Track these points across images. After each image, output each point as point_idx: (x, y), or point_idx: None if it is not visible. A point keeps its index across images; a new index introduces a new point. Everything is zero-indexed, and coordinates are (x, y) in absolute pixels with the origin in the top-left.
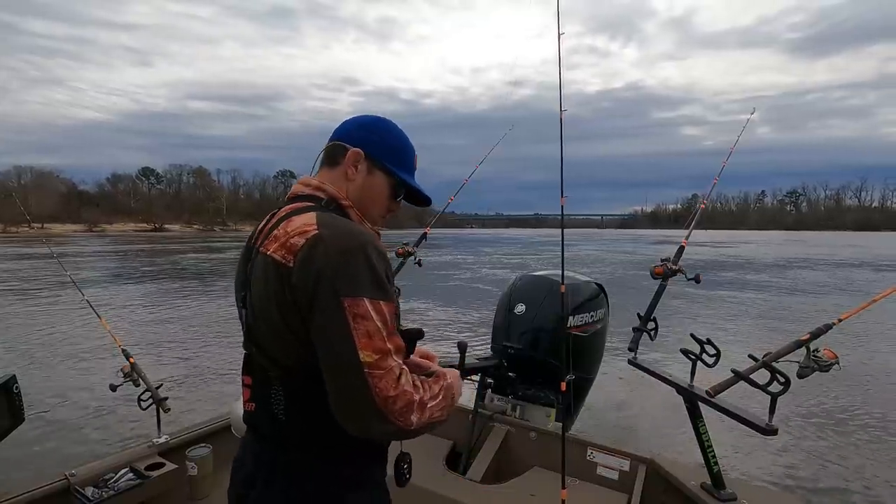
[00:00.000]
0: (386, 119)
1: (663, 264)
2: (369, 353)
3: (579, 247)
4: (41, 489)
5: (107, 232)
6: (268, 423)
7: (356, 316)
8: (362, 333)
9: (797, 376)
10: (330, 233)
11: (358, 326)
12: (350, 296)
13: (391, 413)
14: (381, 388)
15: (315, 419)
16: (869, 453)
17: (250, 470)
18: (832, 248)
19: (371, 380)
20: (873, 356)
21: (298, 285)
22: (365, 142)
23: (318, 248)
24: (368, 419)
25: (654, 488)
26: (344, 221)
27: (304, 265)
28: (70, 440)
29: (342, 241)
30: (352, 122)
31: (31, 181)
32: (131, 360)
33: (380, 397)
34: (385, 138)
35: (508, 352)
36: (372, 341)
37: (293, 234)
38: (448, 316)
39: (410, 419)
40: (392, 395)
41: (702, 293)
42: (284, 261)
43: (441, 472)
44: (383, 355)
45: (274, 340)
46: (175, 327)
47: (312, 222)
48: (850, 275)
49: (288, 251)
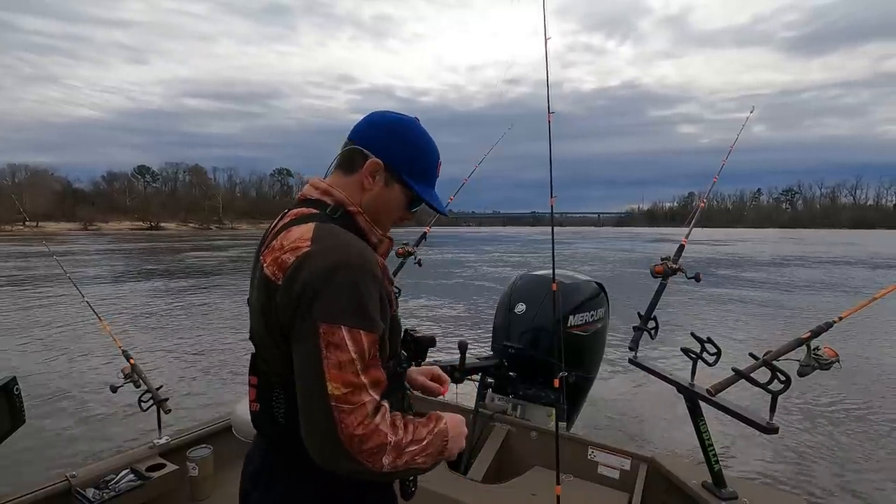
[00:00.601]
0: (411, 120)
1: (663, 263)
2: (338, 385)
3: (576, 245)
4: (42, 490)
5: (102, 230)
6: (269, 425)
7: (329, 344)
8: (333, 364)
9: (798, 375)
10: (320, 251)
11: (330, 356)
12: (327, 322)
13: (358, 453)
14: (347, 425)
15: None
16: (870, 451)
17: (257, 468)
18: (828, 245)
19: (337, 414)
20: (874, 354)
21: (281, 304)
22: (386, 151)
23: (303, 267)
24: (333, 455)
25: (655, 487)
26: (342, 237)
27: (288, 284)
28: (71, 441)
29: (329, 262)
30: (374, 123)
31: (25, 179)
32: (131, 361)
33: (345, 434)
34: (407, 148)
35: (509, 351)
36: (342, 373)
37: (287, 248)
38: (450, 314)
39: (381, 461)
40: (359, 434)
41: (701, 291)
42: (274, 277)
43: (442, 472)
44: (354, 389)
45: (266, 349)
46: (175, 327)
47: (308, 237)
48: (847, 272)
49: (278, 268)
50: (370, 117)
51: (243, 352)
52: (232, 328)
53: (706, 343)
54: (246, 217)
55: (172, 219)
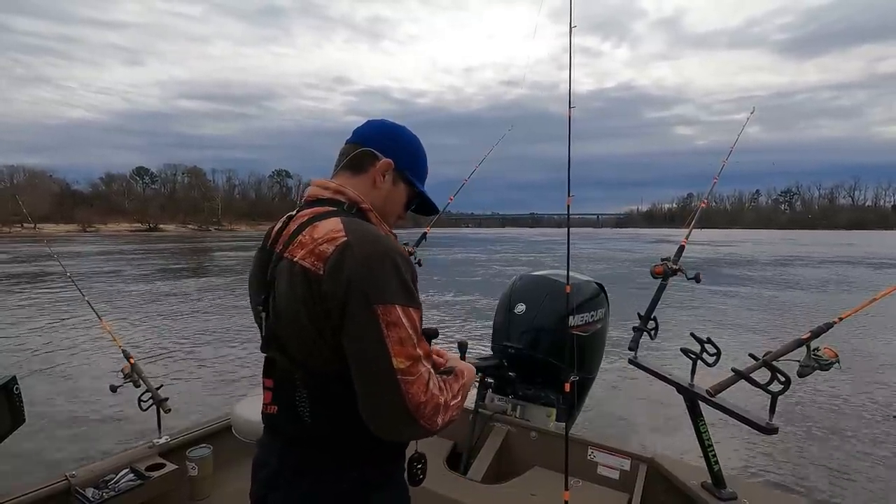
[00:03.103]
0: (405, 128)
1: (663, 264)
2: (402, 359)
3: (578, 246)
4: (42, 490)
5: (101, 232)
6: (292, 425)
7: (389, 323)
8: (395, 341)
9: (798, 375)
10: (358, 239)
11: (391, 334)
12: (382, 303)
13: (422, 417)
14: (413, 394)
15: (340, 421)
16: (870, 452)
17: (275, 469)
18: (827, 246)
19: (404, 386)
20: (874, 355)
21: (329, 293)
22: (394, 153)
23: (346, 255)
24: (401, 424)
25: (654, 488)
26: (369, 227)
27: (334, 273)
28: (70, 441)
29: (370, 248)
30: (377, 129)
31: (23, 181)
32: (131, 360)
33: (412, 403)
34: (410, 150)
35: (509, 351)
36: (404, 348)
37: (321, 240)
38: (455, 312)
39: (437, 421)
40: (423, 401)
41: (700, 290)
42: (314, 268)
43: (442, 472)
44: (414, 361)
45: (301, 345)
46: (175, 327)
47: (340, 228)
48: (846, 272)
49: (317, 258)
50: (372, 123)
51: (243, 351)
52: (232, 327)
53: (706, 343)
54: (245, 219)
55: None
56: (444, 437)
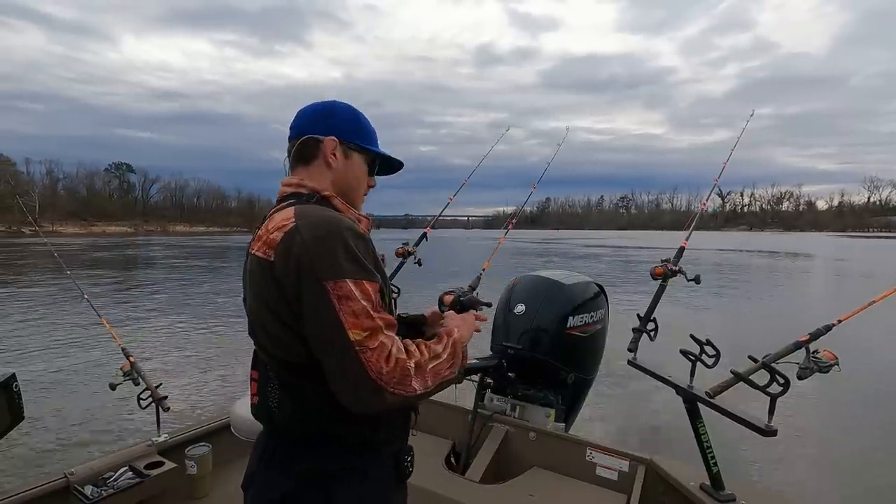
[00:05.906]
0: (335, 101)
1: (663, 265)
2: (357, 331)
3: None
4: (40, 488)
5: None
6: (266, 415)
7: (340, 297)
8: (348, 313)
9: (797, 377)
10: (305, 222)
11: (343, 307)
12: (332, 278)
13: (388, 385)
14: (374, 363)
15: (301, 411)
16: (869, 453)
17: (260, 453)
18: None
19: (363, 356)
20: (874, 356)
21: (281, 277)
22: (333, 128)
23: (294, 238)
24: (367, 395)
25: (653, 489)
26: (322, 210)
27: (283, 257)
28: (69, 439)
29: (317, 229)
30: (308, 115)
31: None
32: (131, 358)
33: (374, 372)
34: (346, 119)
35: (508, 352)
36: (359, 320)
37: (273, 230)
38: None
39: (411, 386)
40: (386, 370)
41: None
42: (266, 256)
43: (440, 472)
44: (372, 332)
45: (268, 337)
46: (175, 326)
47: (290, 216)
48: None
49: (269, 246)
50: (302, 111)
51: (243, 351)
52: (231, 327)
53: (705, 345)
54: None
55: None
56: (442, 437)
